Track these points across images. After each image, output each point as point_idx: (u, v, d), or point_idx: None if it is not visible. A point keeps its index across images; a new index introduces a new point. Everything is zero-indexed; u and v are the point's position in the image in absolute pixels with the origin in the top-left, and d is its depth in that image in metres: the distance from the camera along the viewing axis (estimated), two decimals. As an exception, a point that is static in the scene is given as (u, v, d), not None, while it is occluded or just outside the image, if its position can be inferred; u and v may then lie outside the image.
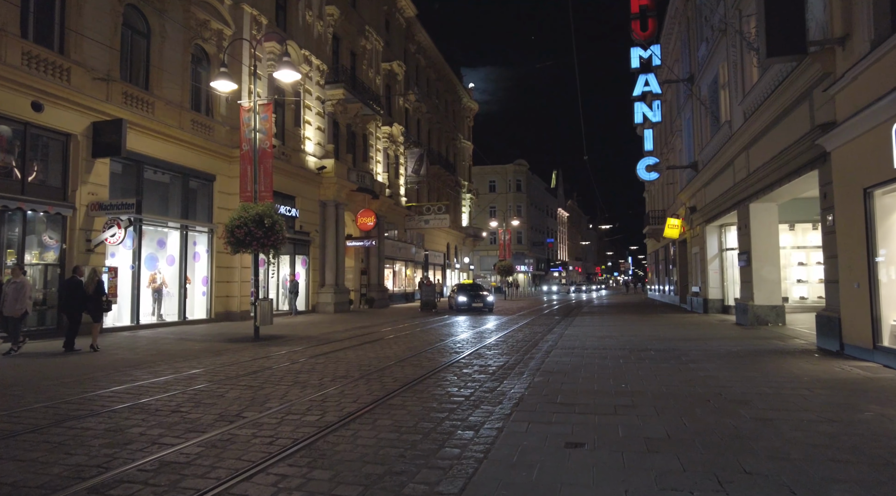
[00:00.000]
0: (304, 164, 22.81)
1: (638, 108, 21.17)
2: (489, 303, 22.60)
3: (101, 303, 10.92)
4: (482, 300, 22.54)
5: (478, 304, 22.37)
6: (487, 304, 22.53)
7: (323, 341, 12.45)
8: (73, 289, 10.63)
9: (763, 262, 14.00)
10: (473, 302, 22.45)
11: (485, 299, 22.57)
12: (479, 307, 22.32)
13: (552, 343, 11.17)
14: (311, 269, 23.17)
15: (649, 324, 15.42)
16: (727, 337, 11.76)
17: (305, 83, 23.23)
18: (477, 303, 22.40)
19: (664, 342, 10.98)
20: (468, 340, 12.26)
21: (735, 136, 14.52)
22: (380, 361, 9.06)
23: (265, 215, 12.57)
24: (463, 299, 22.74)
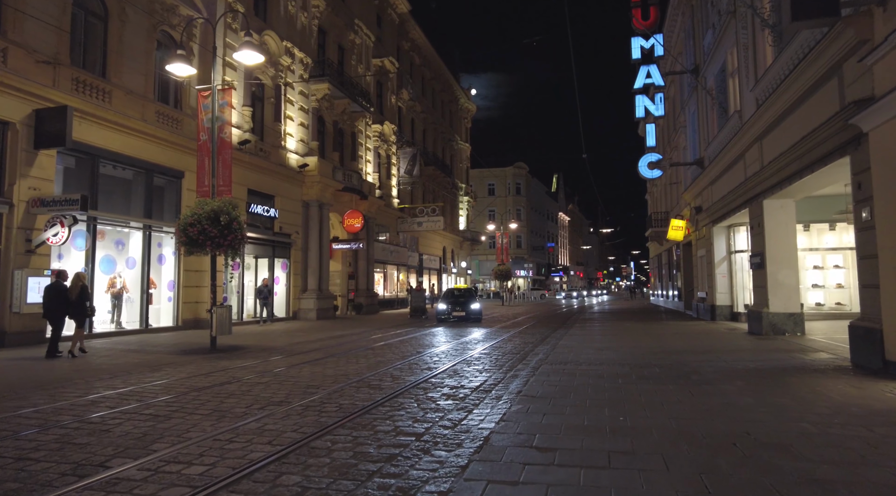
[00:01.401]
0: (285, 161, 21.50)
1: (639, 102, 19.83)
2: (473, 311, 19.37)
3: (86, 309, 10.62)
4: (464, 308, 19.30)
5: (458, 313, 19.30)
6: (472, 313, 19.33)
7: (286, 353, 11.07)
8: (56, 294, 10.25)
9: (779, 265, 12.61)
10: (454, 310, 19.39)
11: (467, 307, 19.30)
12: (461, 316, 19.33)
13: (542, 356, 9.78)
14: (291, 274, 21.80)
15: (653, 334, 14.02)
16: (741, 349, 10.35)
17: (286, 76, 21.95)
18: (458, 312, 19.32)
19: (670, 355, 9.59)
20: (449, 352, 10.87)
21: (746, 126, 13.17)
22: (334, 381, 7.67)
23: (221, 212, 11.23)
24: (441, 307, 19.67)
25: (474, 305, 19.45)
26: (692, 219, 21.39)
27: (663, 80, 19.85)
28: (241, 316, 19.29)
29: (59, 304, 10.18)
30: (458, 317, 19.35)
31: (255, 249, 20.06)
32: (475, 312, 19.41)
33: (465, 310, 19.23)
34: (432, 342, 12.62)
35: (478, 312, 19.50)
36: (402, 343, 12.72)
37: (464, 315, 19.25)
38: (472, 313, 19.32)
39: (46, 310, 10.36)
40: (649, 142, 19.99)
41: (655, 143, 20.15)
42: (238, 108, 18.96)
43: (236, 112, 18.78)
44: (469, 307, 19.27)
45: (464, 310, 19.23)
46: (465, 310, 19.24)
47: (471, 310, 19.27)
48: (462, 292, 21.70)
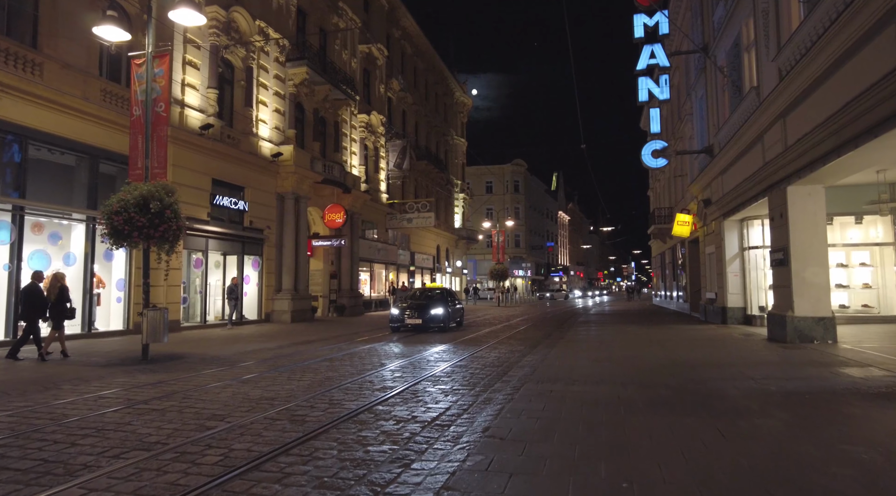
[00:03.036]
0: (257, 149, 19.78)
1: (642, 84, 18.10)
2: (434, 318, 15.38)
3: (65, 310, 10.15)
4: (422, 314, 15.34)
5: (413, 320, 15.31)
6: (431, 320, 15.34)
7: (226, 365, 9.35)
8: (33, 296, 9.86)
9: (806, 262, 10.87)
10: (408, 316, 15.39)
11: (426, 313, 15.34)
12: (416, 324, 15.41)
13: (528, 370, 8.05)
14: (264, 272, 20.08)
15: (658, 341, 12.28)
16: (766, 361, 8.61)
17: (259, 58, 20.23)
18: (413, 319, 15.32)
19: (682, 369, 7.86)
20: (416, 365, 9.13)
21: (766, 102, 11.44)
22: (252, 408, 5.96)
23: (151, 197, 9.50)
24: (394, 313, 15.86)
25: (436, 310, 15.51)
26: (700, 213, 19.66)
27: (669, 61, 18.12)
28: (205, 318, 17.55)
29: (36, 306, 9.85)
30: (413, 325, 15.42)
31: (221, 245, 18.35)
32: (436, 319, 15.43)
33: (423, 316, 15.32)
34: (402, 351, 10.87)
35: (440, 319, 15.48)
36: (371, 352, 11.00)
37: (420, 323, 15.31)
38: (431, 320, 15.35)
39: (23, 312, 10.04)
40: (653, 128, 18.26)
41: (660, 129, 18.42)
42: (202, 89, 17.24)
43: (199, 94, 17.07)
44: (428, 313, 15.33)
45: (420, 317, 15.30)
46: (422, 316, 15.32)
47: (431, 316, 15.31)
48: (431, 293, 17.69)
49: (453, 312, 16.83)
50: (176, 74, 16.22)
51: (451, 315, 16.41)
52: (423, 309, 15.63)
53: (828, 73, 8.70)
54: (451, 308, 16.56)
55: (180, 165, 16.13)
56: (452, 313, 16.72)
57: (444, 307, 15.93)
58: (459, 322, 17.79)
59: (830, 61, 8.42)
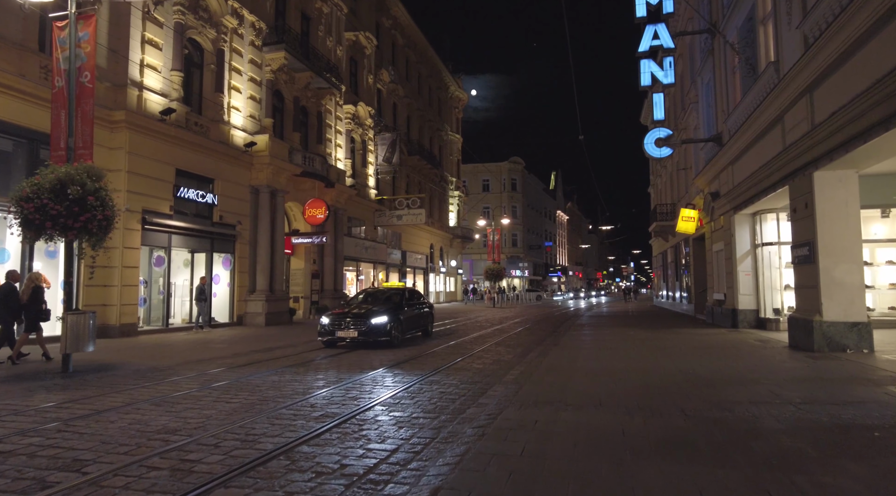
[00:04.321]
0: (228, 138, 18.31)
1: (645, 67, 16.62)
2: (378, 328, 11.58)
3: (40, 312, 9.59)
4: (359, 325, 11.57)
5: (347, 333, 11.57)
6: (375, 331, 11.56)
7: (155, 379, 7.88)
8: (6, 297, 9.34)
9: (837, 259, 9.43)
10: (341, 327, 11.68)
11: (367, 322, 11.56)
12: (353, 338, 11.64)
13: (512, 389, 6.60)
14: (236, 271, 18.60)
15: (665, 348, 10.82)
16: (801, 377, 7.16)
17: (232, 40, 18.76)
18: (346, 330, 11.59)
19: (700, 387, 6.41)
20: (379, 380, 7.67)
21: (788, 77, 10.00)
22: (134, 448, 4.52)
23: (70, 181, 8.04)
24: (324, 322, 12.03)
25: (378, 319, 11.64)
26: (706, 207, 18.22)
27: (673, 42, 16.68)
28: (168, 321, 16.06)
29: (9, 308, 9.35)
30: (349, 339, 11.73)
31: (188, 242, 16.87)
32: (377, 330, 11.56)
33: (361, 326, 11.51)
34: (371, 362, 9.39)
35: (382, 330, 11.61)
36: (329, 361, 9.54)
37: (356, 336, 11.49)
38: (372, 332, 11.52)
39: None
40: (656, 114, 16.81)
41: (664, 115, 17.00)
42: (164, 71, 15.76)
43: (161, 76, 15.60)
44: (368, 322, 11.53)
45: (357, 328, 11.50)
46: (360, 326, 11.52)
47: (371, 327, 11.50)
48: (382, 295, 13.72)
49: (410, 320, 13.08)
50: (134, 54, 14.75)
51: (403, 324, 12.41)
52: (361, 317, 11.73)
53: (874, 30, 7.26)
54: (403, 315, 12.60)
55: (138, 154, 14.66)
56: (407, 321, 12.84)
57: (389, 315, 11.90)
58: (426, 331, 14.34)
59: (880, 13, 6.97)
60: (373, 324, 11.64)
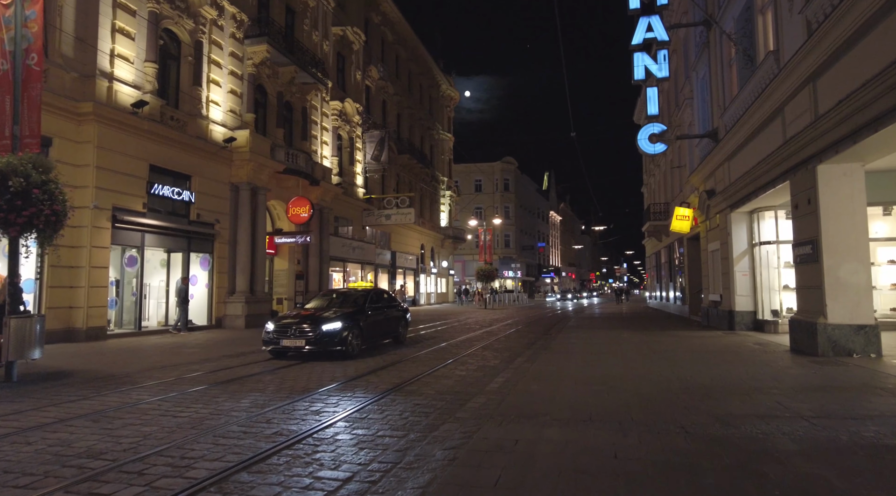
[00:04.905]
0: (207, 134, 17.60)
1: (638, 60, 16.11)
2: (331, 335, 9.86)
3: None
4: (308, 332, 9.82)
5: (294, 342, 9.82)
6: (327, 339, 9.83)
7: (108, 389, 7.21)
8: None
9: (842, 257, 8.88)
10: (288, 336, 9.90)
11: (318, 329, 9.81)
12: (300, 348, 9.85)
13: (494, 400, 5.99)
14: (215, 272, 17.88)
15: (661, 352, 10.24)
16: (809, 385, 6.58)
17: (212, 32, 18.05)
18: (293, 340, 9.83)
19: (700, 398, 5.81)
20: (347, 392, 7.03)
21: (790, 65, 9.46)
22: (32, 483, 3.83)
23: (12, 172, 7.34)
24: (269, 328, 10.22)
25: (331, 325, 9.90)
26: (701, 206, 17.69)
27: (668, 35, 16.16)
28: (140, 324, 15.31)
29: None
30: (294, 348, 9.89)
31: (163, 241, 16.14)
32: (330, 338, 9.82)
33: (310, 335, 9.76)
34: (334, 374, 8.62)
35: (335, 337, 9.86)
36: (302, 373, 8.89)
37: (303, 345, 9.76)
38: (323, 340, 9.78)
39: None
40: (650, 109, 16.27)
41: (658, 110, 16.48)
42: (137, 63, 15.04)
43: (133, 67, 14.88)
44: (320, 329, 9.78)
45: (305, 336, 9.76)
46: (308, 335, 9.76)
47: (323, 334, 9.77)
48: (342, 298, 11.86)
49: (375, 325, 11.30)
50: (103, 43, 14.03)
51: (363, 331, 10.63)
52: (311, 323, 9.92)
53: (887, 9, 6.70)
54: (365, 319, 10.84)
55: (108, 148, 13.94)
56: (371, 327, 11.07)
57: (345, 320, 10.13)
58: (397, 337, 12.62)
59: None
60: (324, 331, 9.84)
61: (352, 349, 10.21)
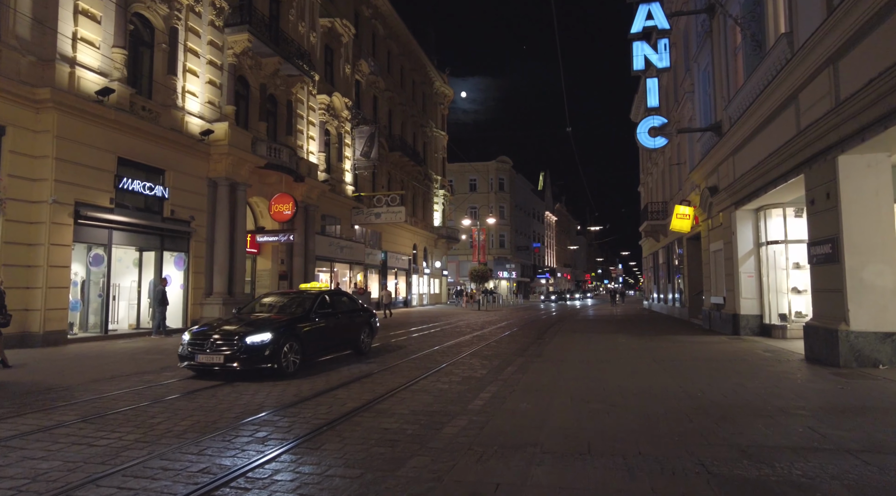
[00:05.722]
0: (182, 126, 16.63)
1: (638, 50, 15.26)
2: (256, 350, 7.88)
3: None
4: (230, 346, 7.90)
5: (210, 358, 7.89)
6: (251, 355, 7.84)
7: (35, 406, 6.27)
8: None
9: (866, 257, 8.04)
10: (204, 352, 7.96)
11: (241, 343, 7.89)
12: (219, 365, 7.88)
13: (476, 422, 5.11)
14: (191, 272, 16.90)
15: (664, 360, 9.37)
16: (841, 405, 5.71)
17: (188, 18, 17.08)
18: (208, 356, 7.91)
19: (717, 422, 4.94)
20: (296, 419, 6.13)
21: (807, 47, 8.61)
22: None
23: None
24: (185, 340, 8.30)
25: (255, 337, 7.94)
26: (703, 204, 16.84)
27: (668, 23, 15.32)
28: (106, 327, 14.32)
29: None
30: (210, 365, 7.95)
31: (133, 239, 15.16)
32: (253, 353, 7.85)
33: (231, 349, 7.87)
34: (282, 395, 7.63)
35: (260, 352, 7.88)
36: (220, 398, 7.96)
37: (222, 362, 7.85)
38: (246, 355, 7.82)
39: None
40: (650, 101, 15.43)
41: (659, 102, 15.64)
42: (104, 48, 14.07)
43: (99, 53, 13.91)
44: (244, 342, 7.88)
45: (224, 353, 7.85)
46: (227, 349, 7.88)
47: (246, 348, 7.85)
48: (283, 303, 9.91)
49: (324, 335, 9.42)
50: (64, 25, 13.06)
51: (306, 342, 8.74)
52: (234, 334, 8.02)
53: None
54: (309, 328, 8.98)
55: (69, 138, 12.97)
56: (317, 338, 9.16)
57: (276, 330, 8.18)
58: (358, 348, 10.69)
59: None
60: (248, 344, 7.84)
61: (287, 366, 8.20)
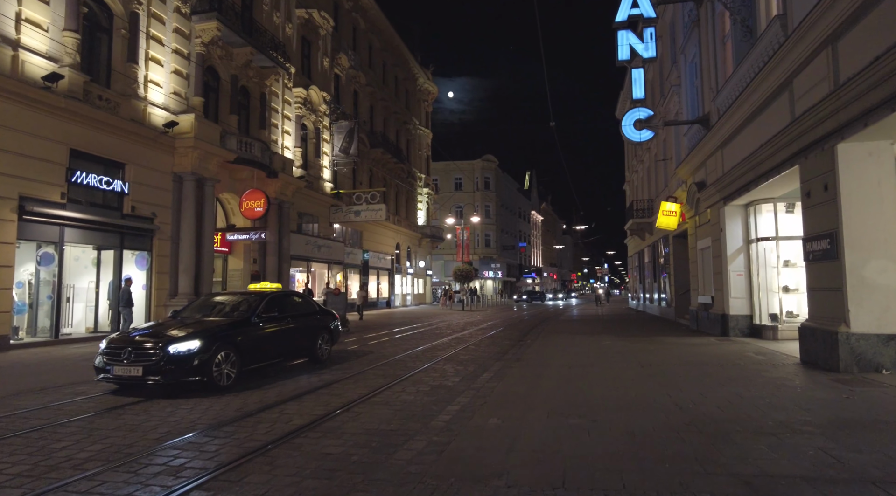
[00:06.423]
0: (144, 117, 15.69)
1: (623, 39, 14.62)
2: (177, 359, 6.75)
3: None
4: (149, 357, 6.76)
5: (127, 370, 6.75)
6: (172, 364, 6.72)
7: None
8: None
9: (868, 253, 7.44)
10: (121, 361, 6.80)
11: (162, 352, 6.75)
12: (139, 379, 6.73)
13: (438, 443, 4.38)
14: (154, 272, 15.95)
15: (651, 365, 8.71)
16: (851, 419, 5.06)
17: (150, 3, 16.12)
18: (124, 368, 6.77)
19: (715, 442, 4.26)
20: (226, 439, 5.34)
21: (803, 27, 8.00)
22: None
23: None
24: (102, 348, 7.19)
25: (178, 346, 6.85)
26: (690, 200, 16.29)
27: (654, 11, 14.72)
28: (57, 331, 13.32)
29: None
30: (126, 379, 6.83)
31: (90, 237, 14.20)
32: (177, 363, 6.75)
33: (150, 360, 6.75)
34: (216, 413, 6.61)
35: (185, 363, 6.78)
36: (138, 419, 7.15)
37: (139, 374, 6.72)
38: (169, 367, 6.72)
39: None
40: (636, 93, 14.81)
41: (644, 94, 15.03)
42: (53, 31, 13.11)
43: (47, 37, 12.94)
44: (166, 352, 6.77)
45: (142, 364, 6.73)
46: (146, 360, 6.76)
47: (170, 358, 6.75)
48: (222, 305, 8.81)
49: (270, 342, 8.36)
50: (6, 4, 12.09)
51: (244, 350, 7.63)
52: (154, 343, 6.92)
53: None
54: (250, 334, 7.91)
55: (11, 127, 12.00)
56: (260, 345, 8.12)
57: (207, 337, 7.12)
58: (313, 355, 9.53)
59: None
60: (171, 354, 6.75)
61: (220, 378, 7.11)
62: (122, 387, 7.31)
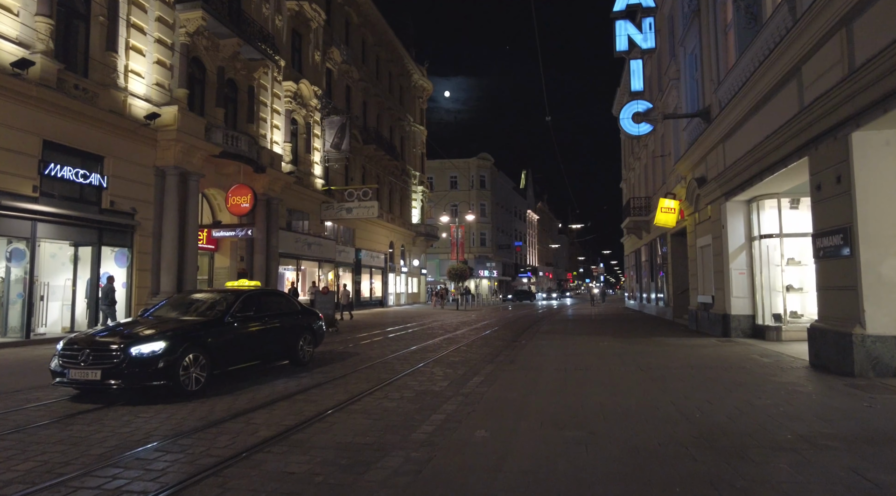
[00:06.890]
0: (124, 108, 15.09)
1: (620, 29, 14.14)
2: (139, 362, 6.17)
3: None
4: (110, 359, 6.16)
5: (84, 374, 6.15)
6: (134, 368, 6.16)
7: None
8: None
9: (885, 250, 6.95)
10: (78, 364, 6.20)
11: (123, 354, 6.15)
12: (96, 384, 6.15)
13: (400, 486, 3.82)
14: (134, 269, 15.36)
15: (651, 369, 8.20)
16: (881, 432, 4.56)
17: (131, -10, 15.52)
18: (81, 371, 6.17)
19: (729, 462, 3.75)
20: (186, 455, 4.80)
21: (814, 9, 7.50)
22: None
23: None
24: (59, 350, 6.54)
25: (140, 347, 6.25)
26: (690, 196, 15.81)
27: (654, 1, 14.22)
28: (27, 331, 12.70)
29: None
30: (84, 383, 6.23)
31: (65, 232, 13.61)
32: (139, 367, 6.16)
33: (110, 363, 6.15)
34: (181, 421, 5.99)
35: (148, 366, 6.18)
36: (92, 428, 6.60)
37: (98, 378, 6.12)
38: (130, 370, 6.12)
39: None
40: (634, 85, 14.31)
41: (643, 86, 14.54)
42: (24, 15, 12.49)
43: (17, 21, 12.33)
44: (127, 354, 6.16)
45: (101, 367, 6.13)
46: (105, 363, 6.16)
47: (131, 360, 6.15)
48: (194, 304, 8.21)
49: (245, 343, 7.76)
50: (-25, -12, 11.49)
51: (215, 352, 7.05)
52: (114, 344, 6.32)
53: None
54: (221, 335, 7.29)
55: (-21, 116, 11.40)
56: (234, 347, 7.52)
57: (172, 339, 6.50)
58: (295, 357, 8.94)
59: None
60: (133, 356, 6.19)
61: (188, 383, 6.54)
62: (83, 392, 6.71)
